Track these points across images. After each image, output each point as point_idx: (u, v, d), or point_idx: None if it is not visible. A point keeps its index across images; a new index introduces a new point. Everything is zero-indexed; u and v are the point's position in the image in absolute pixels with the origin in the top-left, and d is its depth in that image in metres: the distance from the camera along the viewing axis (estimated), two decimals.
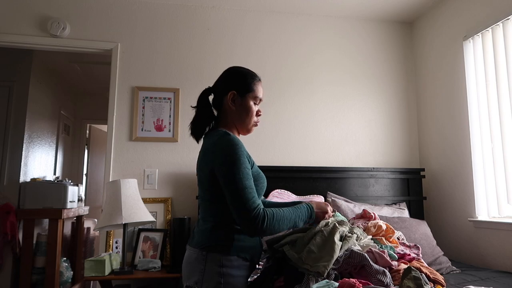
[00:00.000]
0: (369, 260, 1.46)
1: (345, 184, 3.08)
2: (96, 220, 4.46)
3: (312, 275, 1.42)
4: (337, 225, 1.57)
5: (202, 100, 1.52)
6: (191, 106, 1.58)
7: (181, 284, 1.57)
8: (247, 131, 1.54)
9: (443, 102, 3.12)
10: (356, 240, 1.60)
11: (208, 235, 1.38)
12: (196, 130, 1.50)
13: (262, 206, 1.32)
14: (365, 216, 2.08)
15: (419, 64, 3.45)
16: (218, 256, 1.34)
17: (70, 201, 3.39)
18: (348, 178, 3.10)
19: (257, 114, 1.54)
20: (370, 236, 1.78)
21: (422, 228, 2.69)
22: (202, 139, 1.52)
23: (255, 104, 1.52)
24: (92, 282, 3.57)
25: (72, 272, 3.50)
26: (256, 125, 1.55)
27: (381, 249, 1.64)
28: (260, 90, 1.54)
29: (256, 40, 3.28)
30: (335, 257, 1.42)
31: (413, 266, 1.64)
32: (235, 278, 1.35)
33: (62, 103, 4.80)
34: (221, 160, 1.34)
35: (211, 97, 1.54)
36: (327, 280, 1.40)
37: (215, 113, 1.54)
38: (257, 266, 1.47)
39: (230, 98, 1.48)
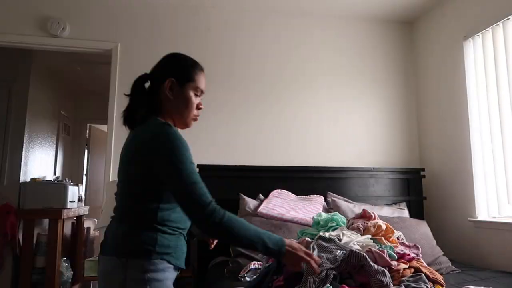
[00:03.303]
0: (368, 260, 1.46)
1: (345, 184, 3.08)
2: (96, 220, 4.46)
3: (312, 276, 1.42)
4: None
5: (137, 86, 1.39)
6: (124, 94, 1.41)
7: None
8: (184, 124, 1.40)
9: (443, 102, 3.12)
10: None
11: (127, 239, 1.21)
12: (130, 119, 1.35)
13: (213, 201, 1.21)
14: (365, 216, 2.08)
15: (419, 64, 3.44)
16: (140, 262, 1.18)
17: (70, 201, 3.38)
18: (348, 178, 3.10)
19: (198, 107, 1.41)
20: (370, 236, 1.78)
21: (422, 228, 2.69)
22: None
23: (196, 95, 1.40)
24: (92, 282, 3.57)
25: (72, 272, 3.50)
26: (195, 119, 1.41)
27: (380, 249, 1.64)
28: (203, 81, 1.42)
29: (257, 40, 3.28)
30: None
31: (413, 266, 1.64)
32: (162, 282, 1.20)
33: (62, 103, 4.80)
34: (165, 154, 1.20)
35: (147, 85, 1.41)
36: (328, 285, 1.39)
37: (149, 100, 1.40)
38: (181, 268, 1.32)
39: (168, 86, 1.35)
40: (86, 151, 5.45)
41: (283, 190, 2.84)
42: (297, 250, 1.24)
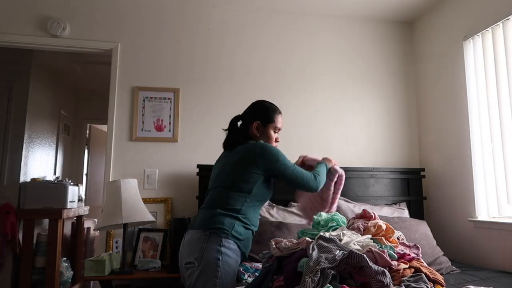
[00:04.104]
0: (368, 261, 1.45)
1: (345, 184, 3.07)
2: (96, 220, 4.46)
3: (309, 275, 1.42)
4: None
5: (231, 125, 1.88)
6: (223, 129, 1.94)
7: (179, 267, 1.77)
8: None
9: (443, 102, 3.12)
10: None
11: (213, 218, 1.61)
12: (230, 144, 1.84)
13: (311, 173, 1.77)
14: (365, 216, 2.07)
15: (419, 64, 3.44)
16: (219, 237, 1.57)
17: (70, 201, 3.38)
18: (348, 178, 3.09)
19: (276, 140, 1.92)
20: (370, 236, 1.78)
21: (422, 228, 2.69)
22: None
23: (274, 132, 1.90)
24: (92, 282, 3.57)
25: (72, 272, 3.50)
26: None
27: (381, 249, 1.64)
28: (280, 121, 1.90)
29: (257, 40, 3.28)
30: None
31: (413, 266, 1.64)
32: (231, 258, 1.57)
33: (62, 103, 4.80)
34: (273, 157, 1.71)
35: (239, 123, 1.89)
36: (328, 285, 1.39)
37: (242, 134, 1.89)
38: (246, 258, 1.76)
39: (255, 127, 1.84)
40: (86, 151, 5.45)
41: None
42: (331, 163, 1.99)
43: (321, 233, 1.75)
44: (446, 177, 3.06)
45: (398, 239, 2.03)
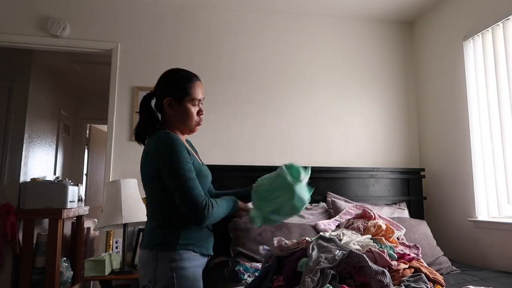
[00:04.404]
0: (368, 261, 1.45)
1: (345, 184, 3.08)
2: (96, 220, 4.46)
3: (309, 275, 1.42)
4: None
5: (143, 105, 1.54)
6: (135, 112, 1.54)
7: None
8: (190, 131, 1.58)
9: (443, 102, 3.12)
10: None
11: (154, 234, 1.44)
12: (140, 135, 1.53)
13: (206, 197, 1.41)
14: (365, 216, 2.08)
15: (419, 64, 3.44)
16: (167, 253, 1.40)
17: (70, 201, 3.38)
18: (348, 178, 3.10)
19: (198, 114, 1.57)
20: (370, 236, 1.78)
21: (422, 228, 2.69)
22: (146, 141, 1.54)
23: (193, 105, 1.54)
24: (92, 282, 3.57)
25: (72, 272, 3.50)
26: (199, 124, 1.58)
27: (380, 249, 1.64)
28: (198, 92, 1.55)
29: (257, 40, 3.28)
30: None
31: (413, 266, 1.64)
32: (187, 269, 1.41)
33: (62, 103, 4.80)
34: (163, 157, 1.40)
35: (153, 102, 1.55)
36: (328, 285, 1.39)
37: (159, 116, 1.55)
38: (210, 254, 1.54)
39: (167, 104, 1.50)
40: (86, 151, 5.45)
41: None
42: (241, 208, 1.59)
43: (321, 234, 1.75)
44: (446, 177, 3.06)
45: (398, 239, 2.03)
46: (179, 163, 1.39)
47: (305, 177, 1.61)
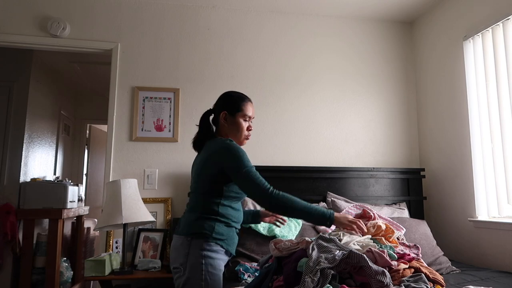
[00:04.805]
0: (368, 261, 1.45)
1: (345, 184, 3.08)
2: (96, 220, 4.46)
3: (309, 275, 1.42)
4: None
5: (203, 119, 1.82)
6: (196, 125, 1.88)
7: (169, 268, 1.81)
8: (239, 143, 1.80)
9: (443, 102, 3.12)
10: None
11: (193, 224, 1.64)
12: (198, 143, 1.80)
13: (270, 186, 1.62)
14: (364, 216, 2.07)
15: (419, 64, 3.45)
16: (200, 242, 1.61)
17: (70, 201, 3.38)
18: (348, 178, 3.10)
19: (248, 129, 1.82)
20: (370, 236, 1.78)
21: (422, 228, 2.69)
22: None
23: (245, 121, 1.80)
24: (92, 282, 3.57)
25: (72, 272, 3.50)
26: (247, 138, 1.84)
27: (380, 249, 1.64)
28: (249, 109, 1.81)
29: (258, 40, 3.28)
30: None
31: (413, 266, 1.64)
32: (214, 260, 1.62)
33: (62, 103, 4.80)
34: (231, 158, 1.64)
35: (211, 117, 1.83)
36: (328, 285, 1.39)
37: (214, 128, 1.83)
38: (232, 255, 1.75)
39: (223, 117, 1.78)
40: (86, 151, 5.45)
41: None
42: (342, 219, 1.70)
43: (321, 233, 1.75)
44: (446, 177, 3.06)
45: (398, 239, 2.03)
46: (243, 160, 1.63)
47: None
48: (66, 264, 3.42)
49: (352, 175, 3.10)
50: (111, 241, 2.84)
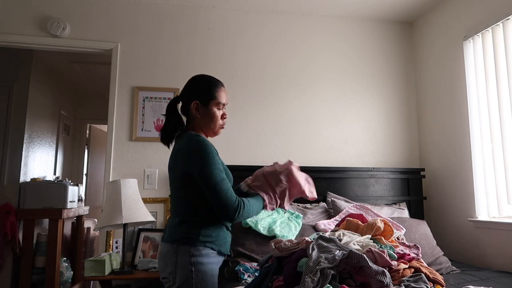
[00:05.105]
0: (368, 261, 1.45)
1: (345, 184, 3.08)
2: (96, 220, 4.46)
3: (309, 275, 1.42)
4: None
5: (170, 108, 1.63)
6: (162, 114, 1.67)
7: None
8: (214, 134, 1.66)
9: (443, 102, 3.12)
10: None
11: (177, 229, 1.52)
12: (166, 137, 1.61)
13: (237, 197, 1.49)
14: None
15: (419, 64, 3.45)
16: (187, 248, 1.48)
17: (70, 201, 3.38)
18: (348, 178, 3.10)
19: (222, 118, 1.65)
20: (370, 236, 1.78)
21: (422, 228, 2.69)
22: (173, 142, 1.64)
23: (218, 109, 1.63)
24: (92, 282, 3.57)
25: (72, 272, 3.50)
26: (222, 127, 1.67)
27: (380, 249, 1.64)
28: (223, 96, 1.64)
29: (258, 40, 3.28)
30: None
31: (413, 266, 1.64)
32: (205, 265, 1.49)
33: (62, 103, 4.80)
34: (195, 160, 1.49)
35: (179, 105, 1.64)
36: (328, 285, 1.39)
37: (184, 119, 1.65)
38: (227, 254, 1.62)
39: (194, 107, 1.59)
40: (86, 151, 5.44)
41: None
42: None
43: (321, 233, 1.75)
44: (446, 177, 3.06)
45: (398, 239, 2.03)
46: (211, 164, 1.48)
47: None
48: (66, 264, 3.42)
49: (352, 175, 3.10)
50: (111, 241, 2.84)
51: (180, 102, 1.64)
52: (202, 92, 1.61)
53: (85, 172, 5.38)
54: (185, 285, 1.46)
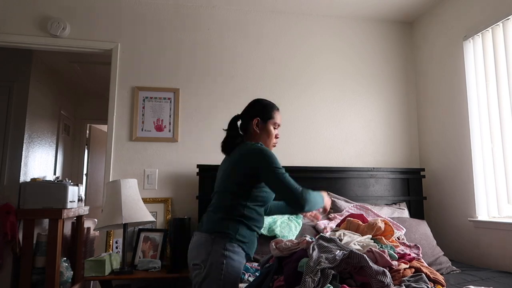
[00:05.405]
0: (368, 261, 1.45)
1: (345, 184, 3.08)
2: (96, 220, 4.46)
3: (310, 275, 1.42)
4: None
5: (231, 124, 1.88)
6: (223, 129, 1.93)
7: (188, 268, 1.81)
8: None
9: (443, 102, 3.12)
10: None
11: (218, 223, 1.66)
12: (227, 148, 1.84)
13: (301, 187, 1.64)
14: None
15: (419, 64, 3.45)
16: (223, 241, 1.62)
17: (70, 201, 3.38)
18: (348, 178, 3.10)
19: (276, 137, 1.88)
20: (370, 236, 1.78)
21: (422, 228, 2.69)
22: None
23: (274, 128, 1.87)
24: (92, 282, 3.57)
25: (72, 272, 3.50)
26: (274, 145, 1.90)
27: (381, 249, 1.64)
28: (279, 117, 1.89)
29: (257, 40, 3.28)
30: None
31: (414, 266, 1.64)
32: (235, 261, 1.62)
33: (62, 103, 4.80)
34: (261, 159, 1.67)
35: (239, 122, 1.88)
36: (328, 285, 1.39)
37: (241, 133, 1.88)
38: (252, 258, 1.76)
39: (255, 124, 1.83)
40: (86, 151, 5.44)
41: None
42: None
43: (321, 234, 1.75)
44: (446, 177, 3.06)
45: (398, 239, 2.03)
46: (276, 163, 1.67)
47: None
48: (66, 264, 3.41)
49: (352, 175, 3.10)
50: (111, 241, 2.84)
51: (240, 120, 1.88)
52: (263, 111, 1.86)
53: (85, 172, 5.38)
54: (213, 273, 1.58)
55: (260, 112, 1.85)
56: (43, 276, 3.14)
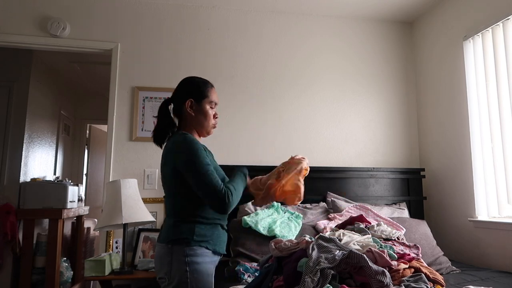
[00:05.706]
0: (368, 261, 1.45)
1: (345, 184, 3.08)
2: (96, 220, 4.46)
3: (309, 275, 1.43)
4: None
5: (162, 110, 1.66)
6: (153, 116, 1.67)
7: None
8: (207, 133, 1.71)
9: (443, 102, 3.12)
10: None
11: (172, 230, 1.53)
12: (158, 138, 1.64)
13: (223, 185, 1.49)
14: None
15: (419, 64, 3.45)
16: (182, 248, 1.49)
17: (70, 201, 3.38)
18: (348, 178, 3.10)
19: (214, 117, 1.70)
20: (370, 236, 1.78)
21: (422, 228, 2.69)
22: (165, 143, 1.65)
23: (211, 108, 1.68)
24: (92, 282, 3.57)
25: (72, 272, 3.50)
26: (214, 127, 1.72)
27: (381, 249, 1.64)
28: (214, 95, 1.70)
29: (258, 40, 3.28)
30: None
31: (413, 266, 1.64)
32: (200, 265, 1.50)
33: (62, 103, 4.80)
34: (181, 155, 1.51)
35: (170, 107, 1.68)
36: (328, 285, 1.39)
37: (176, 120, 1.68)
38: (223, 253, 1.61)
39: (188, 106, 1.64)
40: (86, 151, 5.44)
41: None
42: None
43: (321, 234, 1.75)
44: (446, 177, 3.06)
45: (398, 239, 2.03)
46: (197, 157, 1.49)
47: None
48: (66, 264, 3.42)
49: (352, 175, 3.10)
50: (111, 241, 2.84)
51: (172, 104, 1.68)
52: (195, 91, 1.67)
53: (85, 172, 5.38)
54: (180, 285, 1.47)
55: (192, 92, 1.66)
56: (43, 276, 3.14)
